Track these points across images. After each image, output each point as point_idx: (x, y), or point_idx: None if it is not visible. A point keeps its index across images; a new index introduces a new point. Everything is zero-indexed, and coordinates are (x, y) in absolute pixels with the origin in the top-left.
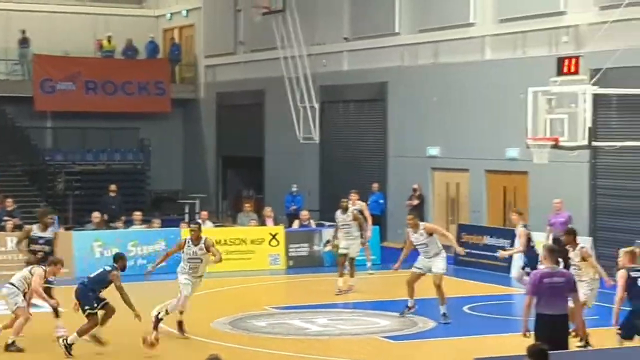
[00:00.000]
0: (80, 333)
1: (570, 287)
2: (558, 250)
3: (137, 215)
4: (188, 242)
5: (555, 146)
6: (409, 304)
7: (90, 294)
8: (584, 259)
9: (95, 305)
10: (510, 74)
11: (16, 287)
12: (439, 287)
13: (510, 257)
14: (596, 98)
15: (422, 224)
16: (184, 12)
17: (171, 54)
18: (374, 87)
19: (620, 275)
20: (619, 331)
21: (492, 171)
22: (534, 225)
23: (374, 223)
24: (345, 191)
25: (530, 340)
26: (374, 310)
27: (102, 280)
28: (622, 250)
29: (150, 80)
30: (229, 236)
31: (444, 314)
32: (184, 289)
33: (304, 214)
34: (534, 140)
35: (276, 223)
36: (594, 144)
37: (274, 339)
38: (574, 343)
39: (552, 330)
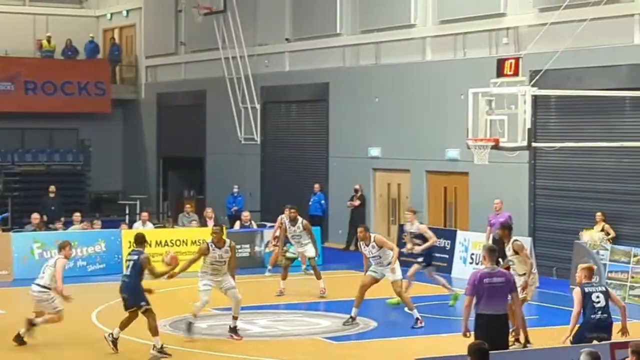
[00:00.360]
0: (153, 331)
1: (510, 286)
2: (497, 251)
3: (77, 216)
4: (211, 245)
5: (496, 147)
6: (353, 314)
7: (139, 288)
8: (516, 252)
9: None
10: (450, 75)
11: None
12: (399, 294)
13: (452, 256)
14: (536, 99)
15: (372, 236)
16: (125, 13)
17: (111, 55)
18: (316, 87)
19: (575, 292)
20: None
21: (432, 172)
22: (474, 225)
23: (315, 224)
24: (287, 192)
25: (471, 340)
26: (315, 311)
27: (140, 268)
28: (579, 266)
29: (90, 81)
30: (169, 237)
31: (417, 319)
32: (203, 295)
33: (245, 215)
34: (474, 141)
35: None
36: (534, 145)
37: (215, 340)
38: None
39: (492, 330)
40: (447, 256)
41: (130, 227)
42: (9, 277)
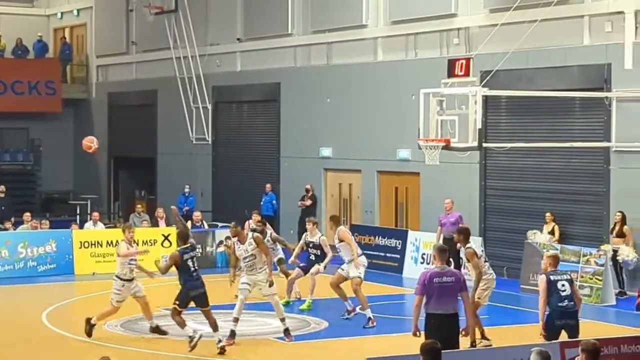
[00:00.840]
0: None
1: (460, 286)
2: (447, 250)
3: (27, 216)
4: (236, 243)
5: (446, 147)
6: (349, 308)
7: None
8: (468, 260)
9: None
10: (402, 75)
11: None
12: (356, 292)
13: (403, 256)
14: (486, 100)
15: (338, 229)
16: (75, 12)
17: (62, 54)
18: (267, 87)
19: (541, 280)
20: (544, 333)
21: (384, 172)
22: (425, 225)
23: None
24: (238, 192)
25: (421, 339)
26: (268, 311)
27: None
28: (545, 254)
29: (40, 80)
30: (121, 237)
31: (369, 318)
32: (240, 294)
33: (197, 215)
34: (426, 141)
35: (169, 224)
36: (484, 145)
37: (166, 340)
38: (465, 342)
39: (442, 330)
40: (398, 256)
41: (81, 227)
42: None
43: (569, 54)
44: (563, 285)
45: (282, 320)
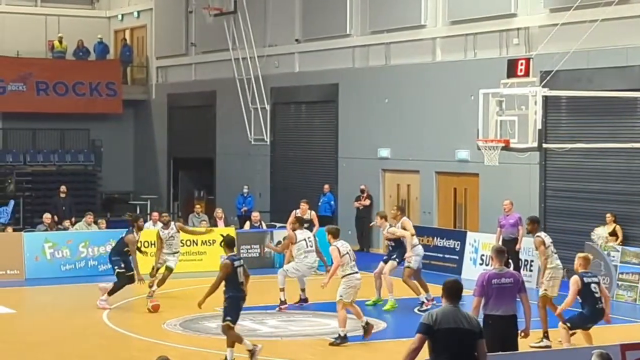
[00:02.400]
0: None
1: (519, 287)
2: (505, 252)
3: (90, 217)
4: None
5: (506, 148)
6: (426, 298)
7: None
8: (536, 248)
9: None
10: (460, 75)
11: None
12: (405, 281)
13: (462, 257)
14: (546, 100)
15: (402, 219)
16: (136, 13)
17: (122, 55)
18: (325, 88)
19: (575, 281)
20: (568, 324)
21: (442, 173)
22: (484, 226)
23: (325, 224)
24: (296, 192)
25: None
26: (324, 312)
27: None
28: (577, 255)
29: (101, 81)
30: (180, 238)
31: (422, 302)
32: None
33: (255, 215)
34: (485, 142)
35: (227, 224)
36: (544, 145)
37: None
38: (524, 343)
39: (500, 331)
40: (457, 257)
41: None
42: (21, 277)
43: (630, 54)
44: (595, 287)
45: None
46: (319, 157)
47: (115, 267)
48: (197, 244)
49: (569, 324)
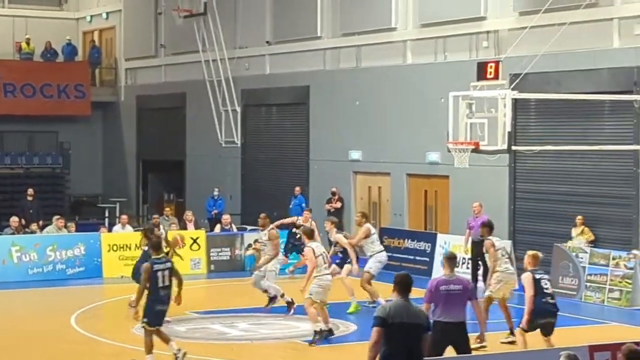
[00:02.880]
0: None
1: (469, 294)
2: (456, 258)
3: (60, 221)
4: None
5: (476, 150)
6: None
7: None
8: (486, 251)
9: None
10: (431, 78)
11: None
12: (362, 286)
13: (432, 259)
14: (516, 103)
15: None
16: (104, 15)
17: (91, 57)
18: (296, 90)
19: (526, 277)
20: (525, 327)
21: (413, 175)
22: (455, 228)
23: (295, 226)
24: (267, 195)
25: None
26: (296, 315)
27: None
28: (527, 253)
29: (70, 83)
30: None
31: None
32: None
33: (226, 218)
34: (455, 144)
35: (197, 227)
36: (514, 148)
37: (195, 343)
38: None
39: (449, 337)
40: (427, 259)
41: (109, 230)
42: None
43: (598, 57)
44: (546, 283)
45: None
46: (290, 159)
47: None
48: (166, 247)
49: (524, 327)
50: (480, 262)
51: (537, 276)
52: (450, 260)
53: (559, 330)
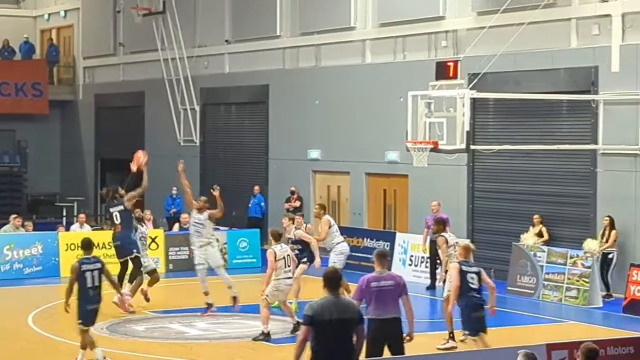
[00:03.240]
0: None
1: (401, 290)
2: (387, 255)
3: (17, 220)
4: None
5: (435, 149)
6: None
7: None
8: (438, 247)
9: None
10: (390, 77)
11: None
12: None
13: (391, 258)
14: (474, 102)
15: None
16: (62, 13)
17: (49, 55)
18: (256, 89)
19: (453, 267)
20: (466, 332)
21: (372, 174)
22: (414, 227)
23: (254, 226)
24: (226, 194)
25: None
26: (253, 314)
27: None
28: (459, 244)
29: (27, 82)
30: (107, 239)
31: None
32: None
33: (185, 217)
34: (414, 143)
35: (156, 226)
36: (472, 147)
37: (153, 343)
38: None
39: (383, 334)
40: None
41: (67, 229)
42: None
43: (557, 57)
44: (472, 277)
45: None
46: (249, 158)
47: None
48: None
49: (467, 332)
50: (439, 261)
51: (465, 268)
52: (381, 257)
53: (517, 328)
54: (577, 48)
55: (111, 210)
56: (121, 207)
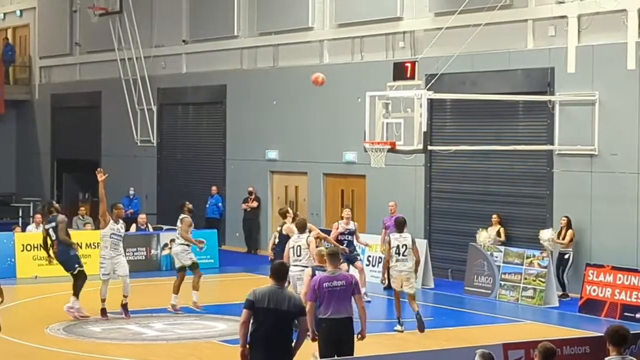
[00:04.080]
0: None
1: (353, 289)
2: (339, 254)
3: None
4: None
5: (392, 150)
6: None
7: None
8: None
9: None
10: (348, 78)
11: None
12: None
13: None
14: (432, 103)
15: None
16: (18, 12)
17: (5, 55)
18: (213, 90)
19: (306, 272)
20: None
21: (330, 174)
22: (371, 228)
23: (212, 227)
24: (183, 194)
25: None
26: (212, 314)
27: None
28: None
29: None
30: None
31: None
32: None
33: (142, 217)
34: (371, 144)
35: None
36: (429, 148)
37: (110, 344)
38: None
39: (335, 334)
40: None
41: (23, 229)
42: None
43: (513, 58)
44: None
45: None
46: (207, 158)
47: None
48: (81, 247)
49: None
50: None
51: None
52: (333, 256)
53: (474, 328)
54: (534, 49)
55: (46, 227)
56: (54, 224)
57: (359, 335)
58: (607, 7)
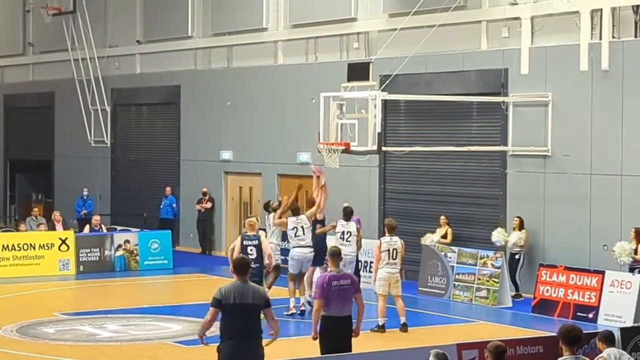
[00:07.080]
0: None
1: (356, 288)
2: (340, 253)
3: None
4: None
5: (346, 151)
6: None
7: None
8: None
9: None
10: (302, 78)
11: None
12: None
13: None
14: (386, 104)
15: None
16: None
17: None
18: (167, 90)
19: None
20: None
21: (284, 175)
22: None
23: (165, 227)
24: (137, 195)
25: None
26: (166, 315)
27: None
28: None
29: None
30: (16, 241)
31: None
32: None
33: (96, 218)
34: (325, 144)
35: (66, 228)
36: (384, 148)
37: (63, 345)
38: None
39: (339, 332)
40: None
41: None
42: None
43: (467, 59)
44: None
45: None
46: (161, 159)
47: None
48: (34, 248)
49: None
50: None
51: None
52: (334, 256)
53: (428, 328)
54: (487, 50)
55: None
56: None
57: (353, 333)
58: (560, 8)
